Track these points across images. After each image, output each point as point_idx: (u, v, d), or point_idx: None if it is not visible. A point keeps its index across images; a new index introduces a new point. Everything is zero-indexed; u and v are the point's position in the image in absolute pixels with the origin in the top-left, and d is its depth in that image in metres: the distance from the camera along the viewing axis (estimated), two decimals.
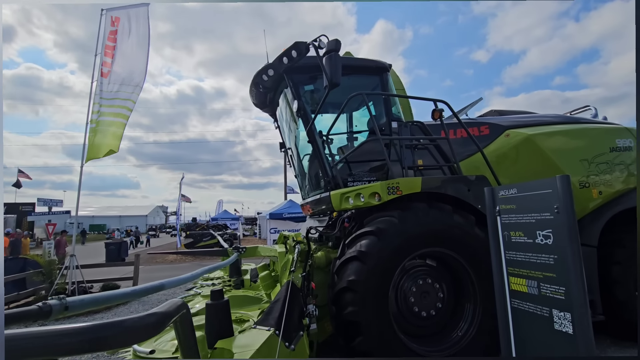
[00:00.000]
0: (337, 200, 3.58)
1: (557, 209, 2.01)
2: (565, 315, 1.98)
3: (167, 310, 0.98)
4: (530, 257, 2.22)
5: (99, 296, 1.22)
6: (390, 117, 4.13)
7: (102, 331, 0.75)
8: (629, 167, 4.56)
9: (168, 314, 0.95)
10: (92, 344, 0.73)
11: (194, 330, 1.23)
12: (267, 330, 2.40)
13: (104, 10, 7.75)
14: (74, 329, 0.72)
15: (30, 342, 0.68)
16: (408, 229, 3.15)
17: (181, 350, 1.29)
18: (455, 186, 3.51)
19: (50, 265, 7.42)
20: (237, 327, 3.21)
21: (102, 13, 7.77)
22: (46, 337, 0.70)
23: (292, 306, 2.90)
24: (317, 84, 3.99)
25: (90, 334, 0.72)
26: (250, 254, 4.65)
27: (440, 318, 3.35)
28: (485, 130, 4.42)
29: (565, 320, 1.98)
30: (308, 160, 4.53)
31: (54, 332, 0.71)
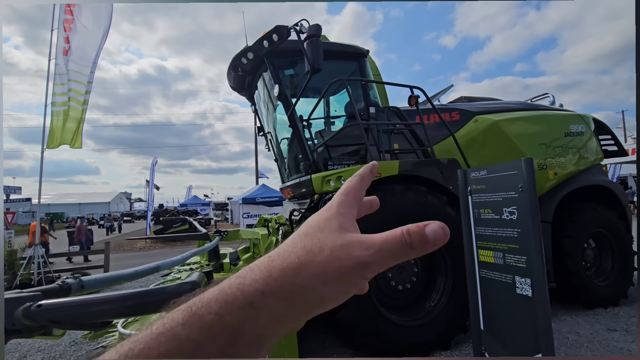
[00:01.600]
0: (318, 183, 3.69)
1: (522, 188, 2.25)
2: (526, 281, 2.25)
3: (196, 279, 1.06)
4: (497, 232, 2.47)
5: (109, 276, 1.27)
6: (368, 103, 4.26)
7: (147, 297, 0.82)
8: (580, 150, 5.03)
9: (197, 283, 1.04)
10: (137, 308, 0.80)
11: None
12: None
13: None
14: (121, 296, 0.78)
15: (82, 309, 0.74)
16: (387, 209, 3.34)
17: None
18: (429, 169, 3.74)
19: (11, 256, 7.03)
20: None
21: None
22: (95, 303, 0.76)
23: None
24: (297, 68, 4.02)
25: (136, 300, 0.79)
26: (232, 237, 4.69)
27: (415, 290, 3.62)
28: (456, 116, 4.67)
29: (526, 285, 2.25)
30: (288, 144, 4.58)
31: (104, 298, 0.77)
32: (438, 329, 3.42)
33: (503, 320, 2.49)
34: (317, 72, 3.30)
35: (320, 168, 3.84)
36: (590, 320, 4.07)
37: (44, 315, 0.79)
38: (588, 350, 3.30)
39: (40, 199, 7.09)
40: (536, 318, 2.17)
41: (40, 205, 7.33)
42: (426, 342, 3.36)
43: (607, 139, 5.62)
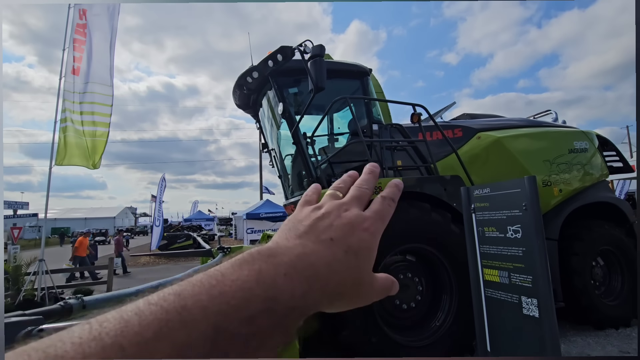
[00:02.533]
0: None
1: (525, 206, 2.24)
2: (533, 301, 2.21)
3: None
4: (502, 250, 2.44)
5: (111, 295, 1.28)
6: (371, 120, 4.31)
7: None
8: (585, 167, 5.01)
9: None
10: None
11: None
12: None
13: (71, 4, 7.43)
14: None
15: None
16: (390, 226, 3.31)
17: None
18: (432, 185, 3.73)
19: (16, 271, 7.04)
20: None
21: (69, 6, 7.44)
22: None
23: None
24: (301, 86, 4.09)
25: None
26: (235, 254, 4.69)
27: (420, 309, 3.56)
28: (458, 132, 4.70)
29: (533, 305, 2.21)
30: (292, 161, 4.62)
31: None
32: (444, 350, 3.34)
33: (510, 341, 2.43)
34: (320, 90, 3.36)
35: (323, 185, 3.85)
36: (602, 341, 3.95)
37: None
38: None
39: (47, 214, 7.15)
40: (544, 340, 2.13)
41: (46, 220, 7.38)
42: None
43: (612, 155, 5.59)
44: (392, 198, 0.43)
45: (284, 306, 0.29)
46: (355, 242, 0.36)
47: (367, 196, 0.43)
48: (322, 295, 0.32)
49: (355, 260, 0.36)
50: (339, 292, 0.34)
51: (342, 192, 0.44)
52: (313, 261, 0.33)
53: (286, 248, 0.33)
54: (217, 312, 0.25)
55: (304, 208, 0.42)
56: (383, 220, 0.41)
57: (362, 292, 0.37)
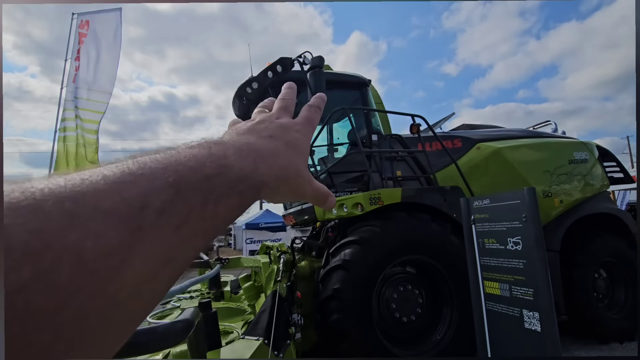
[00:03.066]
0: (320, 211, 3.68)
1: (525, 218, 2.22)
2: (534, 315, 2.17)
3: (189, 317, 1.03)
4: (503, 262, 2.41)
5: None
6: (370, 130, 4.32)
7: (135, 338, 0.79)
8: (585, 177, 4.99)
9: (191, 322, 1.01)
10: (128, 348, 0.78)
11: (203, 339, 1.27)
12: (256, 340, 2.44)
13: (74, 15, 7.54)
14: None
15: None
16: (390, 237, 3.30)
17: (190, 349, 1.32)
18: (432, 196, 3.72)
19: None
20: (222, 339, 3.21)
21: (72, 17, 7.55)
22: None
23: (279, 316, 2.95)
24: (301, 97, 4.10)
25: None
26: (233, 266, 4.62)
27: (420, 323, 3.50)
28: (458, 143, 4.70)
29: (534, 319, 2.17)
30: None
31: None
32: None
33: (511, 355, 2.38)
34: None
35: None
36: (606, 356, 3.87)
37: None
38: None
39: None
40: (546, 355, 2.08)
41: None
42: None
43: (612, 166, 5.58)
44: (318, 106, 0.48)
45: (236, 174, 0.31)
46: (291, 139, 0.40)
47: (291, 105, 0.47)
48: (269, 174, 0.35)
49: (294, 152, 0.39)
50: (284, 175, 0.37)
51: (268, 108, 0.47)
52: (258, 147, 0.36)
53: (232, 140, 0.36)
54: (175, 170, 0.27)
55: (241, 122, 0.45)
56: (311, 124, 0.45)
57: (302, 184, 0.40)
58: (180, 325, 0.96)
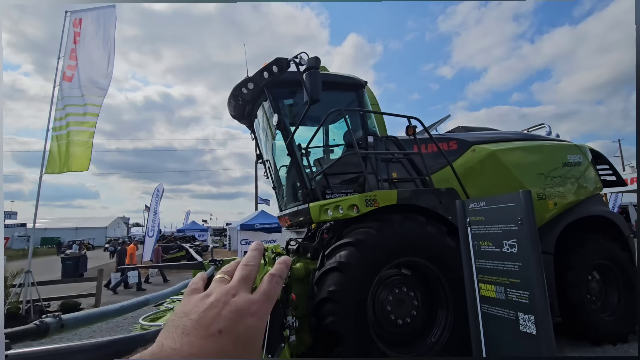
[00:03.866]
0: (316, 212, 3.65)
1: (521, 220, 2.21)
2: (530, 318, 2.16)
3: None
4: (498, 265, 2.41)
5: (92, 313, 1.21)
6: (366, 132, 4.31)
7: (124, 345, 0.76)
8: (579, 180, 5.03)
9: None
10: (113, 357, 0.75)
11: None
12: None
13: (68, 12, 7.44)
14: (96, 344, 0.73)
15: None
16: (385, 239, 3.29)
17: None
18: (427, 198, 3.71)
19: None
20: None
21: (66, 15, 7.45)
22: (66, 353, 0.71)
23: (273, 318, 2.91)
24: (297, 98, 4.09)
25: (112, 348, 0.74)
26: None
27: (415, 325, 3.49)
28: (453, 145, 4.71)
29: (530, 322, 2.16)
30: (286, 172, 4.58)
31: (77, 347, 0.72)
32: None
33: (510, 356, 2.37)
34: (315, 102, 3.36)
35: (318, 196, 3.82)
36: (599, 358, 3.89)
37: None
38: None
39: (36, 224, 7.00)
40: (541, 358, 2.07)
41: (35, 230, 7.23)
42: None
43: (605, 169, 5.63)
44: (280, 275, 0.46)
45: None
46: (243, 331, 0.38)
47: (253, 274, 0.45)
48: None
49: (244, 349, 0.37)
50: None
51: (229, 275, 0.45)
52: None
53: (172, 350, 0.34)
54: None
55: (192, 297, 0.42)
56: (270, 301, 0.43)
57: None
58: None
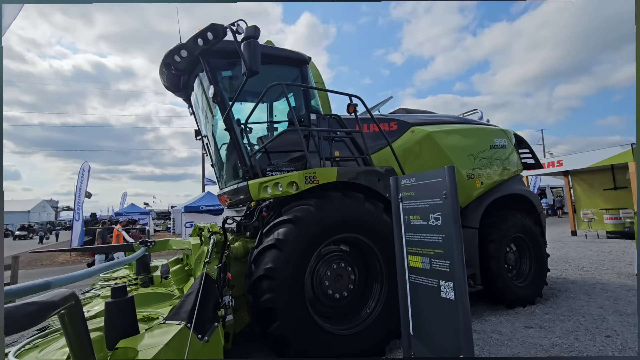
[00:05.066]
0: (255, 190, 3.55)
1: (445, 195, 2.34)
2: (450, 285, 2.33)
3: (50, 299, 0.86)
4: (425, 237, 2.54)
5: None
6: (309, 109, 4.24)
7: None
8: (503, 162, 5.49)
9: (52, 304, 0.84)
10: None
11: (86, 325, 1.11)
12: (177, 324, 2.29)
13: None
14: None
15: None
16: (324, 216, 3.31)
17: (71, 350, 1.16)
18: (367, 177, 3.79)
19: None
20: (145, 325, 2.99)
21: None
22: None
23: (207, 298, 2.81)
24: (236, 70, 3.87)
25: None
26: (160, 248, 4.33)
27: (352, 298, 3.61)
28: (394, 126, 4.85)
29: (450, 288, 2.33)
30: (226, 149, 4.38)
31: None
32: (374, 335, 3.43)
33: (430, 324, 2.55)
34: (253, 74, 3.20)
35: (257, 174, 3.71)
36: (511, 319, 4.39)
37: None
38: (508, 347, 3.53)
39: None
40: (458, 320, 2.25)
41: None
42: (362, 349, 3.35)
43: (525, 153, 6.22)
44: None
45: None
46: None
47: None
48: None
49: None
50: None
51: None
52: None
53: None
54: None
55: None
56: None
57: None
58: (33, 307, 0.81)
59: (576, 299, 5.10)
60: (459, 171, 4.85)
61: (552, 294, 5.41)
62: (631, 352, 3.29)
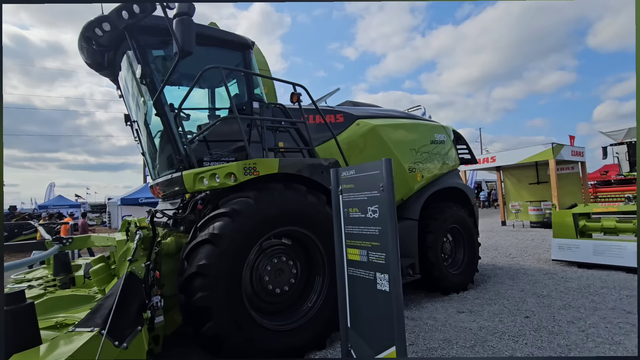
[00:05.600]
0: (190, 181, 3.30)
1: (382, 187, 2.33)
2: (385, 277, 2.33)
3: None
4: (363, 230, 2.52)
5: None
6: (252, 97, 4.04)
7: None
8: (443, 157, 5.76)
9: None
10: None
11: None
12: (89, 332, 2.03)
13: None
14: None
15: None
16: (264, 209, 3.17)
17: None
18: (310, 169, 3.71)
19: None
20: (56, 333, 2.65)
21: None
22: None
23: (129, 300, 2.55)
24: (170, 50, 3.53)
25: None
26: (79, 246, 3.87)
27: (294, 292, 3.54)
28: (340, 118, 4.82)
29: (385, 280, 2.34)
30: (158, 136, 4.02)
31: None
32: (314, 329, 3.39)
33: (366, 316, 2.55)
34: (186, 55, 2.93)
35: (193, 164, 3.45)
36: (445, 305, 4.65)
37: None
38: (441, 332, 3.71)
39: None
40: (392, 311, 2.26)
41: None
42: (302, 344, 3.30)
43: (462, 149, 6.59)
44: None
45: None
46: None
47: None
48: None
49: None
50: None
51: None
52: None
53: None
54: None
55: None
56: None
57: None
58: None
59: (502, 284, 5.56)
60: (402, 165, 4.99)
61: (482, 280, 5.85)
62: (544, 332, 3.63)
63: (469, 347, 3.33)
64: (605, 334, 3.49)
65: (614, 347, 3.21)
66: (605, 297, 4.66)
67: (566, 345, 3.27)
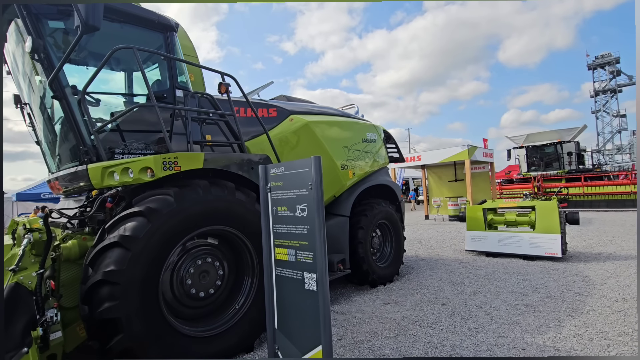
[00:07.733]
0: (97, 176, 2.89)
1: (311, 185, 2.28)
2: (312, 276, 2.30)
3: None
4: (291, 229, 2.46)
5: None
6: (175, 85, 3.69)
7: None
8: (374, 155, 5.97)
9: None
10: None
11: None
12: None
13: None
14: None
15: None
16: (186, 207, 2.92)
17: None
18: (239, 164, 3.53)
19: None
20: None
21: None
22: None
23: (12, 317, 2.14)
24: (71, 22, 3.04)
25: None
26: None
27: (220, 295, 3.34)
28: (273, 112, 4.69)
29: (312, 280, 2.30)
30: (60, 124, 3.46)
31: None
32: (242, 332, 3.25)
33: (294, 317, 2.50)
34: (91, 30, 2.53)
35: (101, 156, 3.03)
36: (373, 297, 4.84)
37: None
38: (368, 325, 3.84)
39: None
40: (318, 311, 2.24)
41: None
42: (227, 348, 3.14)
43: (392, 147, 6.93)
44: None
45: None
46: None
47: None
48: None
49: None
50: None
51: None
52: None
53: None
54: None
55: None
56: None
57: None
58: None
59: (424, 274, 6.00)
60: (334, 162, 5.05)
61: (407, 271, 6.24)
62: (457, 317, 3.99)
63: (393, 337, 3.50)
64: (506, 315, 3.95)
65: (512, 326, 3.65)
66: (506, 282, 5.30)
67: (474, 329, 3.63)
